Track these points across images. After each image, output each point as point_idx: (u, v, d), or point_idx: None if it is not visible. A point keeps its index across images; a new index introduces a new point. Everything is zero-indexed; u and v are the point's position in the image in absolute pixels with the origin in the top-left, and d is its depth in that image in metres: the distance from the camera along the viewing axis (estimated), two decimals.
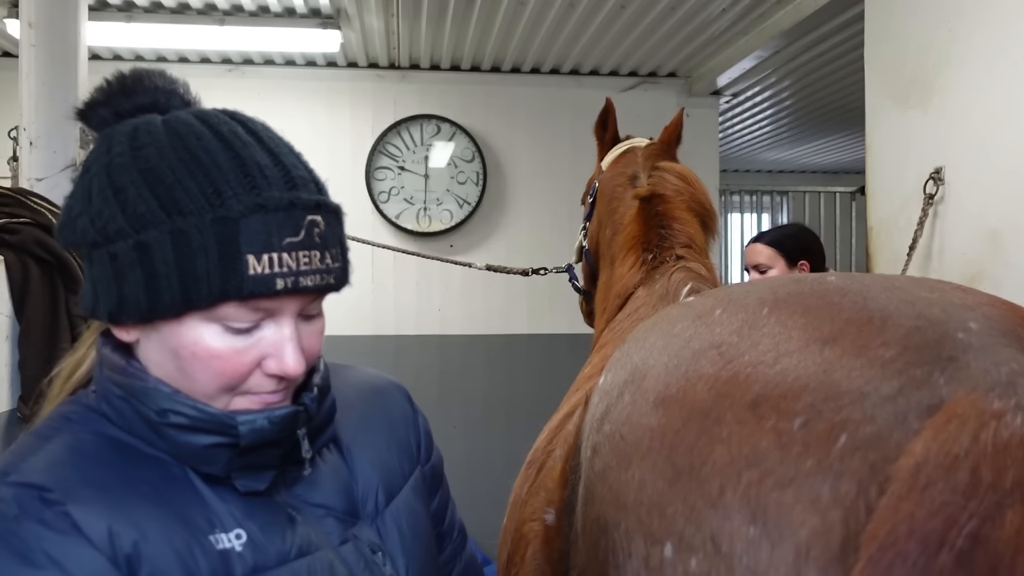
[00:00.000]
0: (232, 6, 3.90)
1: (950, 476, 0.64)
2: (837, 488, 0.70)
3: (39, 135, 2.34)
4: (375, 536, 0.91)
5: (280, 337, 0.79)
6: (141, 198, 0.76)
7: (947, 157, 2.39)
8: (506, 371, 4.86)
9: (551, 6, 3.88)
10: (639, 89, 5.01)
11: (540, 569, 1.16)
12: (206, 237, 0.74)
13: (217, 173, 0.76)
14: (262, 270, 0.75)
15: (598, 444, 0.92)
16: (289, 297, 0.78)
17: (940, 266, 2.41)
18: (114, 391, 0.82)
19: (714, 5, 3.87)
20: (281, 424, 0.81)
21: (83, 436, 0.81)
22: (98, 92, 0.85)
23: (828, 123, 6.24)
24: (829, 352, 0.78)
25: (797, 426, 0.73)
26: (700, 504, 0.75)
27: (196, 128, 0.79)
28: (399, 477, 0.99)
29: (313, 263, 0.78)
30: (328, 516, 0.88)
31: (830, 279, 0.92)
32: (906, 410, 0.71)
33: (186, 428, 0.79)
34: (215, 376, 0.79)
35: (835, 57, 4.60)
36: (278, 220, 0.76)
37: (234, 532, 0.79)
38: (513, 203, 4.91)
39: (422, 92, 4.83)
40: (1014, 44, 2.16)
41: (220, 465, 0.80)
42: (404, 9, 3.94)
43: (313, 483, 0.89)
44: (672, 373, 0.87)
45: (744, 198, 7.39)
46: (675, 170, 2.17)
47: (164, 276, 0.75)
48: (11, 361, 1.95)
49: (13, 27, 3.54)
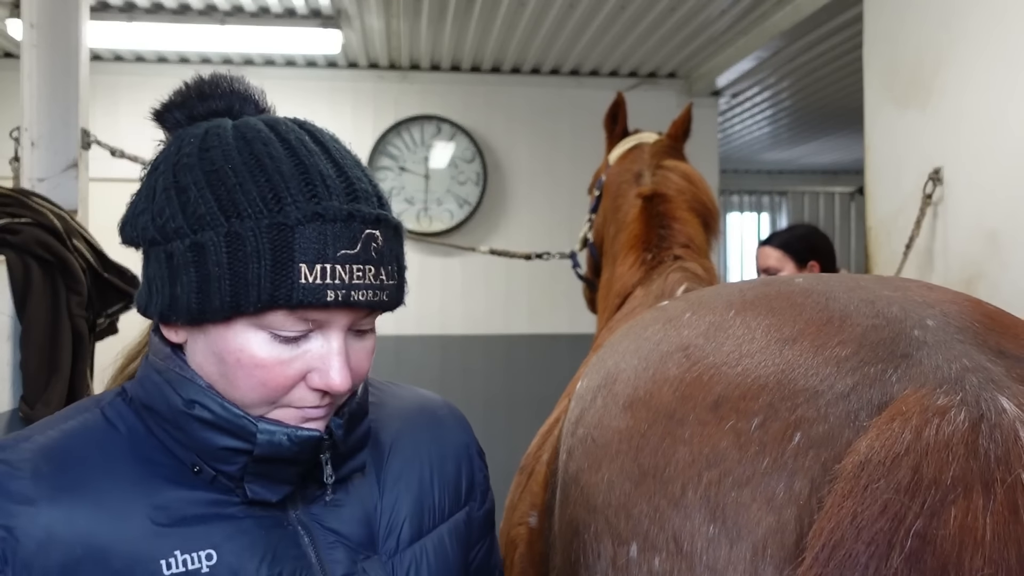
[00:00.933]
0: (233, 7, 3.90)
1: (892, 474, 0.64)
2: (791, 487, 0.71)
3: (40, 135, 2.35)
4: (388, 574, 0.86)
5: (328, 351, 0.77)
6: (202, 199, 0.75)
7: (946, 157, 2.39)
8: (506, 371, 4.86)
9: (551, 6, 3.89)
10: (639, 89, 5.02)
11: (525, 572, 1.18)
12: (260, 242, 0.73)
13: (279, 179, 0.75)
14: (314, 280, 0.73)
15: (572, 447, 0.93)
16: (339, 310, 0.76)
17: (939, 267, 2.42)
18: (153, 376, 0.81)
19: (714, 6, 3.88)
20: (300, 445, 0.79)
21: (92, 424, 0.82)
22: (175, 95, 0.84)
23: (827, 123, 6.25)
24: (788, 352, 0.79)
25: (755, 426, 0.75)
26: (663, 504, 0.77)
27: (264, 134, 0.79)
28: (435, 515, 0.93)
29: (367, 278, 0.76)
30: (338, 544, 0.84)
31: (797, 281, 0.93)
32: (858, 408, 0.73)
33: (207, 424, 0.78)
34: (257, 385, 0.77)
35: (834, 57, 4.60)
36: (335, 231, 0.74)
37: (204, 552, 0.77)
38: (513, 203, 4.91)
39: (423, 93, 4.83)
40: (1013, 45, 2.16)
41: (235, 468, 0.79)
42: (404, 10, 3.95)
43: (334, 506, 0.85)
44: (640, 376, 0.88)
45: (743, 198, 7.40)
46: (679, 169, 2.17)
47: (216, 279, 0.74)
48: (12, 361, 1.96)
49: (15, 28, 3.54)
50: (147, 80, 4.80)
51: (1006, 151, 2.18)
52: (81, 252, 2.07)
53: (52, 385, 1.96)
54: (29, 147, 2.33)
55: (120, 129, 4.82)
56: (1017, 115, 2.14)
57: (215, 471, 0.79)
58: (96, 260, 2.12)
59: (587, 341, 2.23)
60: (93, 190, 2.52)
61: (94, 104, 2.75)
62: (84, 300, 2.04)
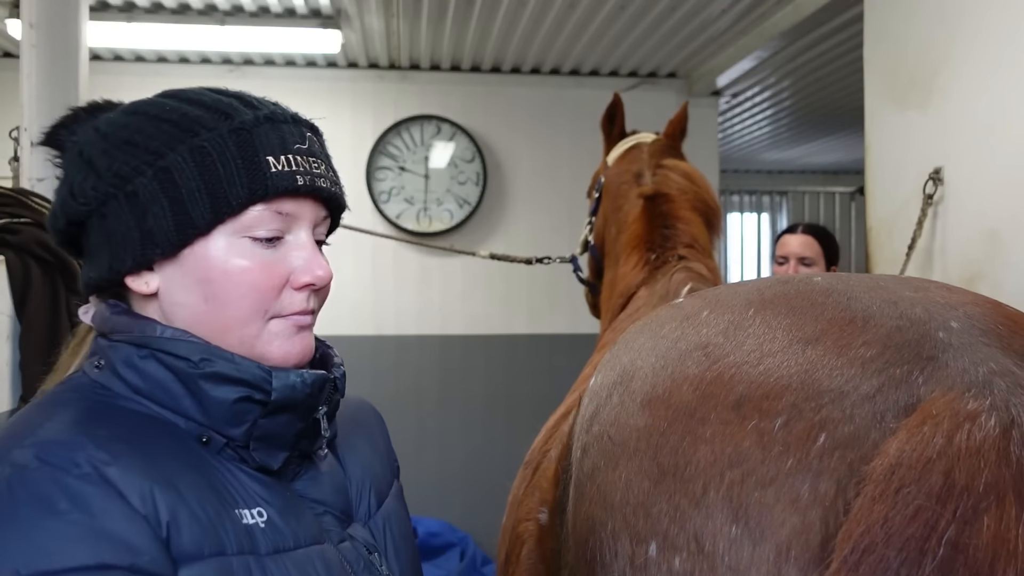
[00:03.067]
0: (233, 6, 3.90)
1: (924, 479, 0.64)
2: (816, 487, 0.70)
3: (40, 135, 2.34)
4: (370, 537, 0.92)
5: (303, 246, 0.82)
6: (155, 132, 0.79)
7: (946, 157, 2.39)
8: (506, 371, 4.86)
9: (551, 6, 3.89)
10: (639, 89, 5.01)
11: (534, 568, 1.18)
12: (226, 147, 0.78)
13: (220, 100, 0.81)
14: (282, 168, 0.79)
15: (587, 445, 0.93)
16: (307, 200, 0.81)
17: (940, 267, 2.42)
18: (134, 353, 0.80)
19: (714, 5, 3.88)
20: (312, 385, 0.82)
21: (95, 405, 0.79)
22: (66, 115, 0.88)
23: (828, 123, 6.25)
24: (811, 352, 0.79)
25: (778, 426, 0.74)
26: (684, 504, 0.76)
27: (178, 88, 0.85)
28: (385, 484, 1.01)
29: (322, 169, 0.83)
30: (327, 513, 0.88)
31: (816, 279, 0.93)
32: (884, 409, 0.72)
33: (221, 378, 0.78)
34: (248, 292, 0.79)
35: (835, 57, 4.60)
36: (287, 129, 0.81)
37: (256, 509, 0.79)
38: (513, 203, 4.91)
39: (422, 92, 4.83)
40: (1013, 45, 2.16)
41: (243, 428, 0.79)
42: (404, 9, 3.95)
43: (313, 479, 0.89)
44: (659, 374, 0.88)
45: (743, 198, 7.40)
46: (680, 168, 2.17)
47: (190, 193, 0.77)
48: (12, 361, 1.95)
49: (14, 27, 3.54)
50: (147, 80, 4.80)
51: (1006, 151, 2.18)
52: None
53: None
54: (29, 147, 2.32)
55: None
56: (1017, 115, 2.14)
57: (224, 437, 0.80)
58: None
59: (587, 341, 2.23)
60: None
61: None
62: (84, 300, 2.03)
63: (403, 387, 4.75)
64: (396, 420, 5.42)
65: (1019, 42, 2.15)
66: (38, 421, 0.75)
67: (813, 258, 2.79)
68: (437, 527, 4.31)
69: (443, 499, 4.56)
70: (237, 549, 0.75)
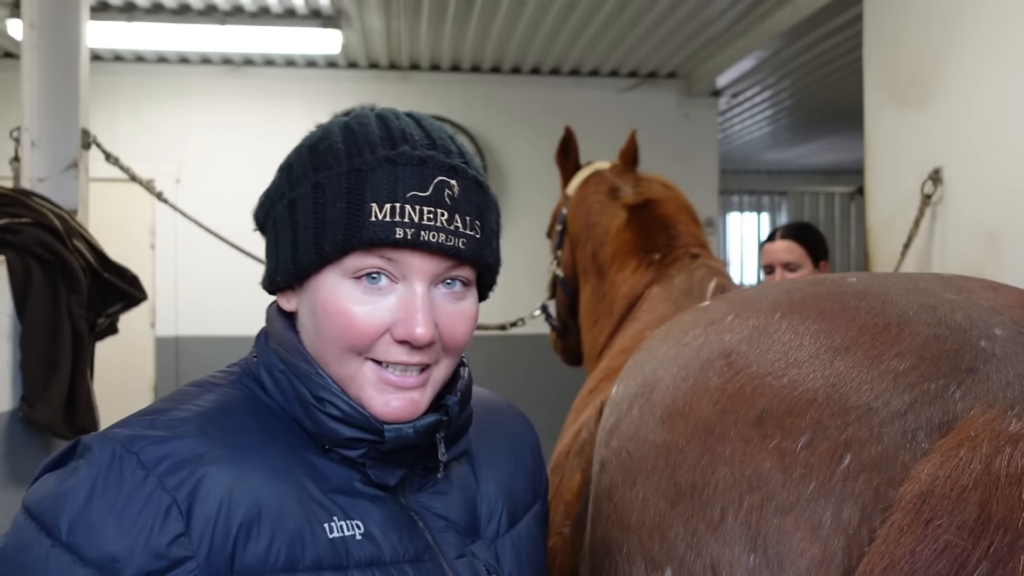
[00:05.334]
0: (233, 7, 3.90)
1: (957, 510, 0.58)
2: (839, 514, 0.65)
3: (41, 135, 2.35)
4: (492, 557, 0.88)
5: (409, 301, 0.78)
6: (300, 166, 0.81)
7: (945, 158, 2.40)
8: (506, 371, 4.86)
9: (551, 6, 3.89)
10: (639, 89, 5.02)
11: None
12: (338, 187, 0.77)
13: (363, 136, 0.80)
14: (383, 218, 0.75)
15: (606, 459, 0.88)
16: (413, 252, 0.77)
17: (938, 266, 2.42)
18: (277, 364, 0.83)
19: (714, 5, 3.88)
20: (424, 432, 0.81)
21: (235, 395, 0.83)
22: None
23: (827, 123, 6.25)
24: (840, 363, 0.73)
25: (800, 445, 0.69)
26: (701, 529, 0.72)
27: (363, 111, 0.85)
28: (523, 505, 0.96)
29: (438, 221, 0.77)
30: (449, 529, 0.86)
31: (851, 280, 0.86)
32: (915, 428, 0.66)
33: (335, 419, 0.80)
34: (341, 333, 0.78)
35: (834, 58, 4.61)
36: (406, 173, 0.77)
37: (355, 521, 0.79)
38: (513, 203, 4.91)
39: (422, 93, 4.83)
40: (1012, 45, 2.16)
41: (358, 453, 0.81)
42: (404, 10, 3.95)
43: (440, 493, 0.88)
44: (679, 386, 0.82)
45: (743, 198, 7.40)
46: (659, 180, 2.23)
47: (304, 229, 0.78)
48: (12, 361, 1.96)
49: (15, 28, 3.54)
50: (147, 80, 4.80)
51: (1006, 151, 2.18)
52: (81, 252, 2.07)
53: (52, 385, 1.96)
54: (29, 147, 2.33)
55: (120, 129, 4.82)
56: (1017, 115, 2.15)
57: (340, 454, 0.82)
58: (96, 260, 2.12)
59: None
60: (93, 190, 2.52)
61: (94, 104, 2.75)
62: (84, 300, 2.04)
63: None
64: None
65: (1017, 43, 2.15)
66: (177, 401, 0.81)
67: (797, 262, 2.70)
68: None
69: None
70: (312, 564, 0.76)
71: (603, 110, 4.97)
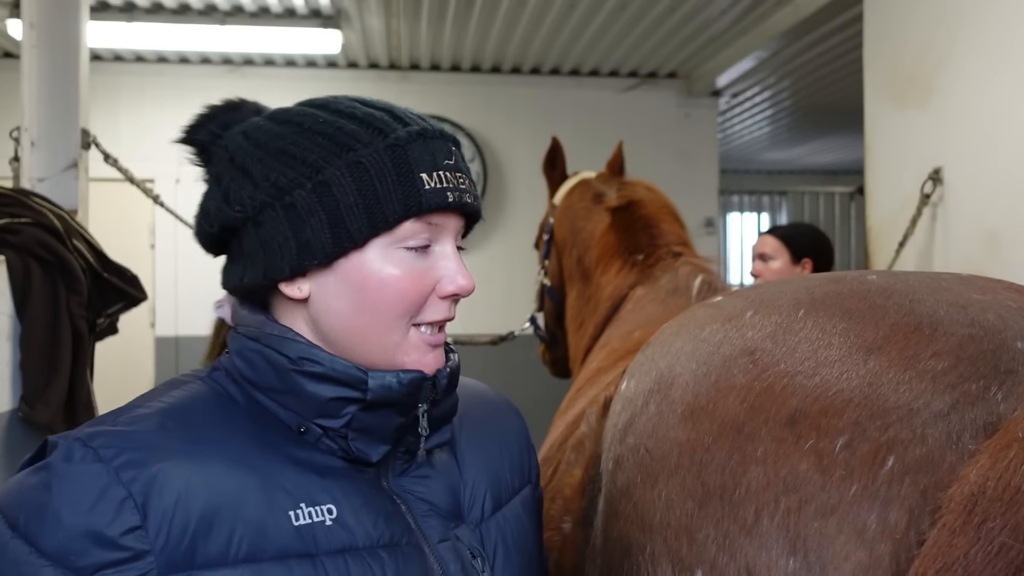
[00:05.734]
0: (233, 7, 3.90)
1: (1010, 512, 0.57)
2: (885, 518, 0.64)
3: (40, 135, 2.35)
4: (477, 541, 0.89)
5: (450, 257, 0.85)
6: (308, 148, 0.81)
7: (946, 157, 2.40)
8: (506, 371, 4.86)
9: (551, 6, 3.89)
10: (639, 89, 5.02)
11: None
12: (383, 163, 0.80)
13: (372, 117, 0.83)
14: (434, 185, 0.82)
15: (621, 457, 0.86)
16: (453, 215, 0.84)
17: (939, 266, 2.42)
18: (250, 345, 0.84)
19: (714, 6, 3.88)
20: (409, 386, 0.83)
21: (201, 390, 0.85)
22: (207, 110, 0.89)
23: (827, 123, 6.25)
24: (874, 362, 0.71)
25: (840, 446, 0.67)
26: (734, 530, 0.70)
27: (324, 98, 0.86)
28: (508, 489, 0.97)
29: (467, 184, 0.86)
30: (432, 513, 0.87)
31: (871, 278, 0.85)
32: (960, 429, 0.65)
33: (317, 376, 0.81)
34: (401, 299, 0.82)
35: (834, 57, 4.61)
36: (436, 145, 0.83)
37: (326, 507, 0.79)
38: (513, 203, 4.91)
39: (422, 93, 4.83)
40: (1013, 45, 2.16)
41: (341, 421, 0.82)
42: (404, 10, 3.95)
43: (422, 478, 0.89)
44: (701, 382, 0.81)
45: (743, 198, 7.40)
46: (642, 183, 2.25)
47: (348, 208, 0.80)
48: (12, 361, 1.96)
49: (15, 28, 3.54)
50: (147, 80, 4.80)
51: (1006, 151, 2.18)
52: (81, 252, 2.07)
53: (52, 385, 1.96)
54: (29, 147, 2.33)
55: (120, 129, 4.82)
56: (1017, 115, 2.15)
57: (321, 429, 0.82)
58: (96, 260, 2.12)
59: None
60: (93, 190, 2.52)
61: (94, 104, 2.75)
62: (84, 300, 2.04)
63: None
64: None
65: (1018, 43, 2.15)
66: (145, 398, 0.83)
67: (771, 254, 2.92)
68: None
69: None
70: (277, 553, 0.76)
71: (603, 110, 4.97)
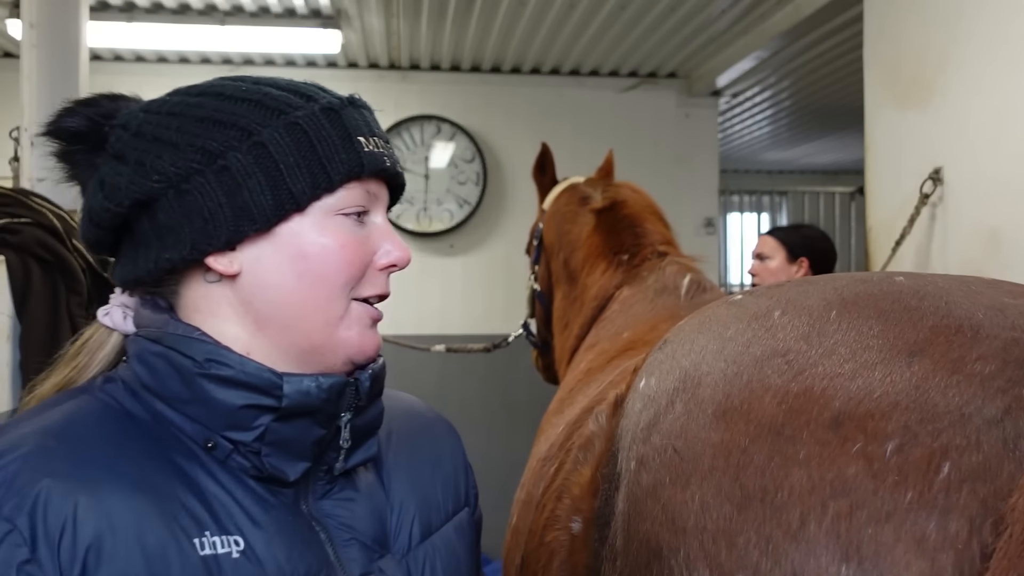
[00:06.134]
0: (233, 7, 3.90)
1: None
2: (945, 527, 0.61)
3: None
4: (403, 574, 0.83)
5: (384, 227, 0.83)
6: (237, 114, 0.77)
7: (946, 157, 2.39)
8: (506, 371, 4.86)
9: (551, 6, 3.89)
10: (639, 89, 5.02)
11: None
12: (320, 124, 0.78)
13: (295, 85, 0.81)
14: (371, 149, 0.80)
15: (645, 457, 0.84)
16: (384, 186, 0.83)
17: (939, 266, 2.42)
18: (150, 348, 0.77)
19: (714, 6, 3.88)
20: (330, 391, 0.77)
21: (90, 404, 0.77)
22: (79, 99, 0.83)
23: (827, 123, 6.25)
24: (918, 366, 0.69)
25: (890, 451, 0.65)
26: (778, 535, 0.67)
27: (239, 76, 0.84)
28: (441, 514, 0.91)
29: (392, 152, 0.84)
30: (353, 542, 0.80)
31: (899, 279, 0.84)
32: (1016, 435, 0.63)
33: (225, 381, 0.74)
34: (346, 267, 0.79)
35: (834, 57, 4.60)
36: (365, 113, 0.83)
37: (233, 537, 0.73)
38: (513, 203, 4.91)
39: (422, 92, 4.83)
40: (1013, 45, 2.16)
41: (254, 434, 0.74)
42: (404, 10, 3.95)
43: (345, 501, 0.82)
44: (732, 382, 0.79)
45: (743, 198, 7.40)
46: (627, 184, 2.27)
47: (289, 168, 0.76)
48: (12, 361, 1.95)
49: (14, 27, 3.54)
50: (147, 80, 4.80)
51: (1006, 151, 2.18)
52: (81, 252, 2.07)
53: None
54: (29, 147, 2.33)
55: None
56: (1017, 115, 2.14)
57: (231, 443, 0.75)
58: (96, 260, 2.12)
59: None
60: None
61: None
62: (84, 300, 2.03)
63: (403, 387, 4.73)
64: None
65: (1018, 43, 2.15)
66: (29, 414, 0.76)
67: (767, 253, 3.00)
68: None
69: None
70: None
71: (603, 110, 4.96)
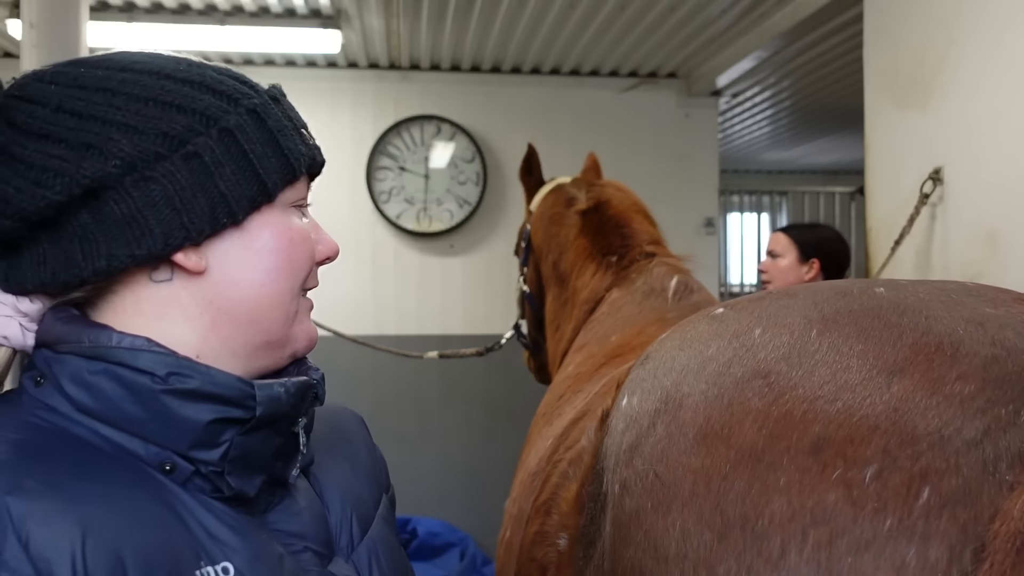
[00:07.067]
0: (233, 7, 3.90)
1: None
2: (925, 554, 0.61)
3: None
4: (353, 574, 0.81)
5: (314, 221, 0.81)
6: (194, 98, 0.71)
7: (946, 158, 2.39)
8: (507, 371, 4.86)
9: (551, 6, 3.89)
10: (639, 89, 5.02)
11: None
12: (276, 114, 0.75)
13: (220, 70, 0.76)
14: (311, 141, 0.78)
15: (628, 481, 0.83)
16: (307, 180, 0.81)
17: (939, 267, 2.42)
18: (87, 368, 0.68)
19: (714, 5, 3.88)
20: (296, 395, 0.73)
21: (38, 432, 0.67)
22: None
23: (827, 123, 6.25)
24: (897, 386, 0.69)
25: (869, 477, 0.64)
26: (758, 564, 0.67)
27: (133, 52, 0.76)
28: (370, 505, 0.89)
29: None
30: (306, 550, 0.77)
31: (878, 291, 0.82)
32: (995, 458, 0.62)
33: (190, 395, 0.68)
34: (307, 260, 0.78)
35: (834, 57, 4.60)
36: (291, 105, 0.80)
37: (221, 565, 0.68)
38: (513, 203, 4.91)
39: (422, 92, 4.83)
40: (1012, 45, 2.16)
41: (218, 452, 0.69)
42: (404, 10, 3.95)
43: (288, 510, 0.78)
44: (713, 405, 0.77)
45: (743, 198, 7.40)
46: (612, 183, 2.27)
47: (259, 156, 0.72)
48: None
49: (14, 27, 3.54)
50: None
51: (1006, 151, 2.18)
52: None
53: None
54: None
55: None
56: (1017, 115, 2.14)
57: (193, 464, 0.69)
58: None
59: None
60: None
61: None
62: None
63: (404, 387, 4.75)
64: (397, 419, 5.35)
65: (1018, 43, 2.15)
66: None
67: (779, 251, 3.03)
68: (437, 527, 4.31)
69: (443, 499, 4.56)
70: None
71: (603, 110, 4.96)
